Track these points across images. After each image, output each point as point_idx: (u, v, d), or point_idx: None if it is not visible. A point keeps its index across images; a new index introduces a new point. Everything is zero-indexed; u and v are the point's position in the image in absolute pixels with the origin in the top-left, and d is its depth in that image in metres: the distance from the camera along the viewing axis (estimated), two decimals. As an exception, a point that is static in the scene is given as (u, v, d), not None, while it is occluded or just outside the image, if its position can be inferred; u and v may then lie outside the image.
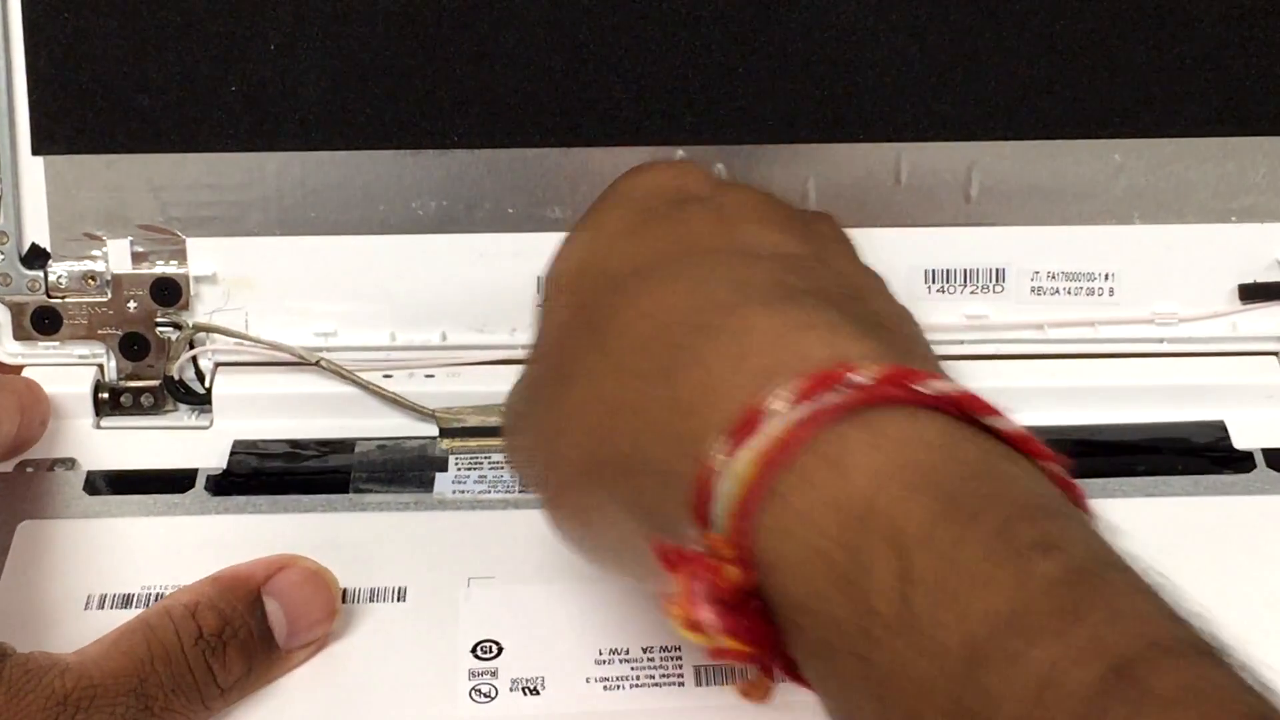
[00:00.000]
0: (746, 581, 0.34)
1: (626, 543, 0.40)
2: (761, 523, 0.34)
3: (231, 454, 0.58)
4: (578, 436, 0.41)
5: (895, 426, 0.34)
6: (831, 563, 0.33)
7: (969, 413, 0.35)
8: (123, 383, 0.60)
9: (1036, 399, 0.59)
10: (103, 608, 0.50)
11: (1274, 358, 0.61)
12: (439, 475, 0.56)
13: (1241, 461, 0.58)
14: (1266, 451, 0.58)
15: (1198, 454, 0.58)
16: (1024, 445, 0.35)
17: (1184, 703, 0.29)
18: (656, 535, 0.36)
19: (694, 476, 0.35)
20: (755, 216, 0.45)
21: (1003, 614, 0.30)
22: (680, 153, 0.58)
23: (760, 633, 0.35)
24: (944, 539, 0.32)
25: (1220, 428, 0.59)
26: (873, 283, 0.47)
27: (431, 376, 0.60)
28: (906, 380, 0.35)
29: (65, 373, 0.59)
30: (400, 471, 0.57)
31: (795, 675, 0.35)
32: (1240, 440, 0.59)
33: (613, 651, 0.49)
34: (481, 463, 0.57)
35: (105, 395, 0.60)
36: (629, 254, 0.43)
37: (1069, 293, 0.61)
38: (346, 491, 0.56)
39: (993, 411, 0.35)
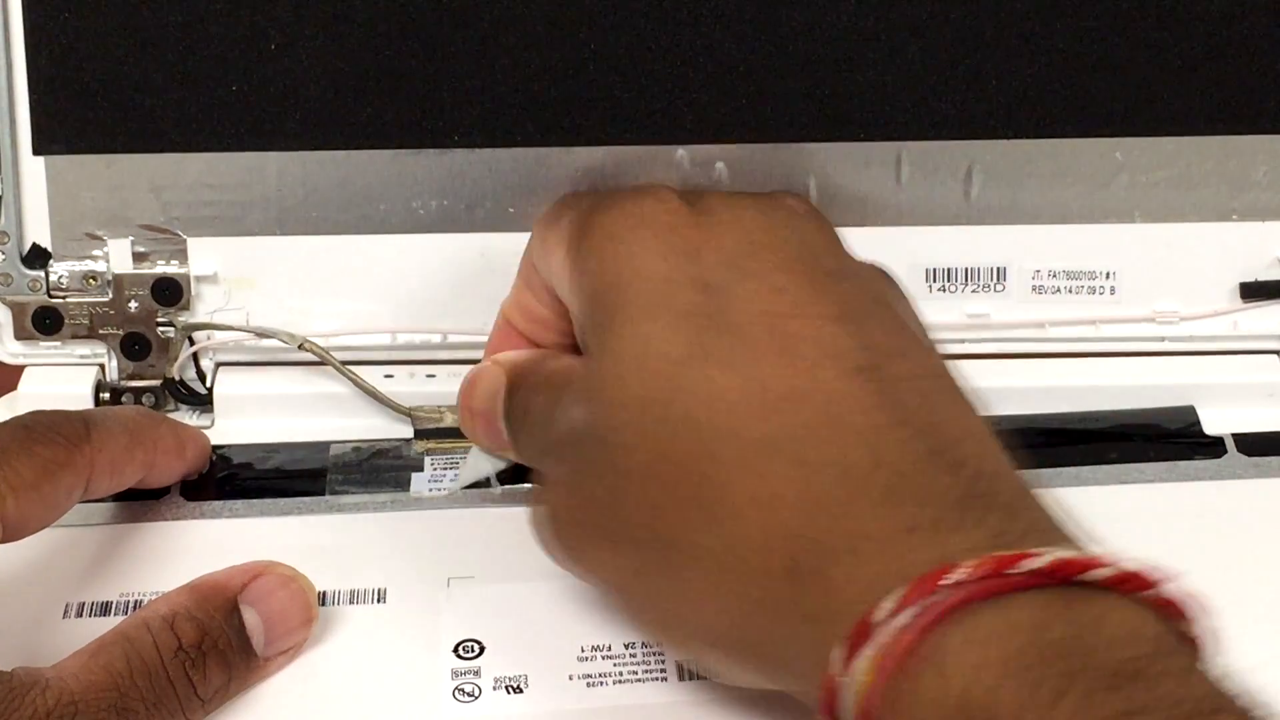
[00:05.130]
0: None
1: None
2: None
3: None
4: (704, 619, 0.42)
5: (989, 621, 0.36)
6: None
7: (1065, 577, 0.36)
8: (124, 383, 0.60)
9: (1038, 398, 0.60)
10: (81, 616, 0.50)
11: (1275, 356, 0.61)
12: (415, 475, 0.56)
13: (1212, 446, 0.58)
14: (1237, 436, 0.58)
15: (1169, 440, 0.58)
16: (1127, 585, 0.37)
17: None
18: None
19: (823, 683, 0.38)
20: (802, 309, 0.44)
21: None
22: (681, 152, 0.58)
23: None
24: None
25: (1191, 413, 0.59)
26: (937, 381, 0.45)
27: (433, 376, 0.60)
28: (1002, 567, 0.36)
29: (66, 373, 0.60)
30: (376, 472, 0.56)
31: None
32: (1211, 425, 0.59)
33: (595, 648, 0.48)
34: (457, 463, 0.56)
35: (106, 395, 0.60)
36: (703, 395, 0.43)
37: (1070, 291, 0.60)
38: (322, 493, 0.56)
39: (1087, 565, 0.37)
